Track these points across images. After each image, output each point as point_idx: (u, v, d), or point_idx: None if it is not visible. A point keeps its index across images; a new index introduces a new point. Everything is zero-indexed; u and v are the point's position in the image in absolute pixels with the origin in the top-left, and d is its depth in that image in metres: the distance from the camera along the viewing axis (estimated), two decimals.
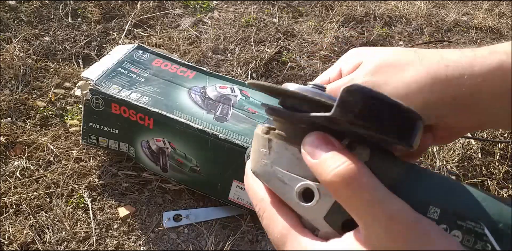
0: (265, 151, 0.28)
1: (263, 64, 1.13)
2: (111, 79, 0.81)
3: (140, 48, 0.88)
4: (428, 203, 0.24)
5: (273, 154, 0.27)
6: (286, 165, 0.27)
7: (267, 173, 0.27)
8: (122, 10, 1.27)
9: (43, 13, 1.23)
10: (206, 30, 1.23)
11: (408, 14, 1.36)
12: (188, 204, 0.84)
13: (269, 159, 0.27)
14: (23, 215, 0.81)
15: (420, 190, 0.25)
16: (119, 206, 0.83)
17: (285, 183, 0.27)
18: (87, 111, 0.81)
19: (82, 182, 0.87)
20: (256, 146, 0.29)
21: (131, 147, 0.84)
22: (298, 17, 1.32)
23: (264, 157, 0.28)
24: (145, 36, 1.19)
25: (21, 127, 0.95)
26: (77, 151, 0.91)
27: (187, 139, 0.77)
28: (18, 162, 0.88)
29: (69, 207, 0.83)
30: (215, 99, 0.80)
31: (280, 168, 0.27)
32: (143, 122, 0.78)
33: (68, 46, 1.14)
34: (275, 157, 0.27)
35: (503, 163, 0.95)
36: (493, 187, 0.90)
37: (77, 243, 0.78)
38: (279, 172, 0.27)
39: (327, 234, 0.26)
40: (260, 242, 0.80)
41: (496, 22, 1.35)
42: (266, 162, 0.27)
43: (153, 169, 0.85)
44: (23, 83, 1.03)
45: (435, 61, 0.31)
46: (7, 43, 1.12)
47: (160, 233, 0.80)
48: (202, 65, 1.11)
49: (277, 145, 0.27)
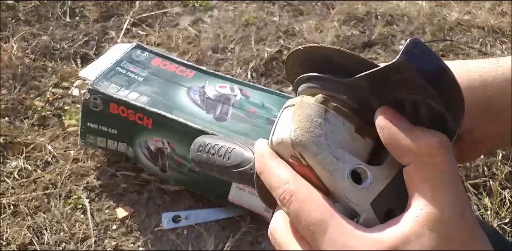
0: (320, 121, 0.25)
1: (263, 64, 1.12)
2: (109, 79, 0.80)
3: (138, 47, 0.88)
4: None
5: (329, 126, 0.25)
6: (341, 142, 0.25)
7: (319, 145, 0.24)
8: (120, 9, 1.26)
9: (41, 12, 1.22)
10: (206, 29, 1.23)
11: (410, 13, 1.35)
12: (188, 205, 0.84)
13: (323, 130, 0.25)
14: (21, 216, 0.80)
15: None
16: (118, 207, 0.83)
17: (338, 159, 0.24)
18: (85, 111, 0.80)
19: (80, 182, 0.86)
20: (304, 114, 0.25)
21: (130, 147, 0.83)
22: (298, 16, 1.31)
23: (318, 127, 0.25)
24: (144, 35, 1.19)
25: (18, 127, 0.94)
26: (75, 151, 0.90)
27: (186, 139, 0.76)
28: (16, 162, 0.88)
29: (67, 208, 0.82)
30: (215, 99, 0.80)
31: (334, 143, 0.25)
32: (142, 122, 0.78)
33: (66, 46, 1.13)
34: (330, 129, 0.25)
35: (505, 163, 0.94)
36: (495, 188, 0.89)
37: (76, 244, 0.78)
38: (332, 146, 0.25)
39: (368, 221, 0.24)
40: (261, 243, 0.80)
41: (498, 21, 1.34)
42: (319, 132, 0.25)
43: (152, 170, 0.84)
44: (21, 83, 1.02)
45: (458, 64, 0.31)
46: (4, 42, 1.11)
47: (159, 234, 0.80)
48: (202, 64, 1.10)
49: (335, 118, 0.25)
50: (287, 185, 0.25)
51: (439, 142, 0.23)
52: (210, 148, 0.34)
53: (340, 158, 0.24)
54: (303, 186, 0.25)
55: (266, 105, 0.80)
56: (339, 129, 0.25)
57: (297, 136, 0.25)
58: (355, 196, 0.24)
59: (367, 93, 0.25)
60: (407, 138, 0.23)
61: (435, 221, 0.22)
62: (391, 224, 0.23)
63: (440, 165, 0.22)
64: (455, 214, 0.22)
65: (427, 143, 0.23)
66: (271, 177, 0.26)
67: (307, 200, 0.24)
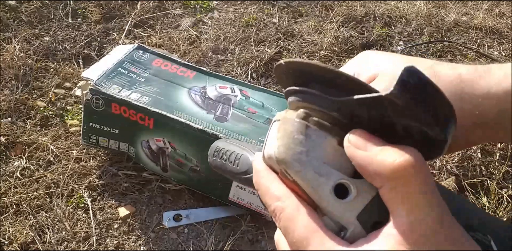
0: (301, 138, 0.25)
1: (263, 64, 1.13)
2: (111, 79, 0.81)
3: (140, 48, 0.88)
4: None
5: (311, 142, 0.25)
6: (323, 156, 0.25)
7: (301, 162, 0.25)
8: (122, 10, 1.27)
9: (43, 13, 1.23)
10: (206, 30, 1.23)
11: (408, 14, 1.36)
12: (188, 204, 0.84)
13: (305, 146, 0.25)
14: (23, 215, 0.81)
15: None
16: (119, 206, 0.83)
17: (321, 175, 0.24)
18: (87, 111, 0.81)
19: (82, 182, 0.87)
20: (286, 131, 0.26)
21: (131, 147, 0.84)
22: (298, 17, 1.32)
23: (300, 144, 0.25)
24: (145, 36, 1.19)
25: (21, 127, 0.95)
26: (77, 151, 0.91)
27: (187, 139, 0.77)
28: (18, 162, 0.89)
29: (69, 207, 0.83)
30: (215, 99, 0.81)
31: (317, 159, 0.25)
32: (143, 122, 0.78)
33: (68, 46, 1.14)
34: (312, 145, 0.25)
35: (503, 163, 0.95)
36: (492, 187, 0.90)
37: (77, 243, 0.78)
38: (315, 162, 0.25)
39: (355, 234, 0.24)
40: (260, 242, 0.80)
41: (496, 22, 1.35)
42: (301, 149, 0.25)
43: (153, 169, 0.85)
44: (23, 83, 1.03)
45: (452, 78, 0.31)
46: (7, 43, 1.12)
47: (160, 233, 0.80)
48: (202, 65, 1.11)
49: (316, 133, 0.25)
50: (277, 203, 0.26)
51: (408, 162, 0.22)
52: (223, 153, 0.35)
53: (323, 174, 0.25)
54: (291, 203, 0.26)
55: (266, 105, 0.81)
56: (321, 143, 0.25)
57: (281, 153, 0.25)
58: (340, 210, 0.24)
59: (353, 109, 0.25)
60: (374, 163, 0.23)
61: (411, 239, 0.22)
62: (371, 239, 0.24)
63: (411, 187, 0.23)
64: (431, 231, 0.22)
65: (393, 167, 0.23)
66: (264, 194, 0.27)
67: (293, 217, 0.25)
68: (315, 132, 0.25)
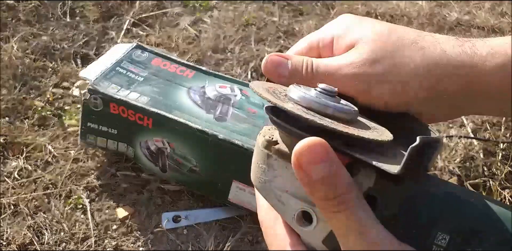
0: (264, 167, 0.26)
1: None
2: (109, 79, 0.80)
3: (139, 48, 0.88)
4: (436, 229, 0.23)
5: (272, 172, 0.26)
6: (285, 186, 0.25)
7: (266, 190, 0.26)
8: (121, 9, 1.26)
9: (41, 12, 1.23)
10: (206, 29, 1.23)
11: (410, 13, 1.35)
12: (188, 204, 0.84)
13: (267, 176, 0.26)
14: (21, 216, 0.80)
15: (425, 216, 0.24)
16: (118, 207, 0.83)
17: (283, 203, 0.25)
18: (85, 111, 0.80)
19: (80, 182, 0.86)
20: (255, 158, 0.27)
21: (130, 147, 0.83)
22: (298, 16, 1.31)
23: (263, 173, 0.26)
24: (144, 35, 1.19)
25: (19, 127, 0.94)
26: (76, 151, 0.90)
27: (186, 139, 0.76)
28: (16, 162, 0.88)
29: (67, 208, 0.82)
30: (215, 99, 0.80)
31: (279, 188, 0.25)
32: (142, 122, 0.78)
33: (67, 46, 1.13)
34: (273, 175, 0.26)
35: (505, 163, 0.94)
36: (495, 187, 0.89)
37: (76, 244, 0.78)
38: (277, 192, 0.26)
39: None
40: (261, 243, 0.80)
41: (498, 21, 1.34)
42: (264, 179, 0.26)
43: (152, 170, 0.84)
44: (21, 83, 1.02)
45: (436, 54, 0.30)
46: (5, 42, 1.11)
47: (159, 234, 0.80)
48: (202, 64, 1.11)
49: (277, 163, 0.25)
50: (264, 221, 0.30)
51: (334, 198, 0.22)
52: None
53: (285, 203, 0.25)
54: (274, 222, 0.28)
55: None
56: (282, 173, 0.25)
57: (252, 179, 0.28)
58: (305, 235, 0.26)
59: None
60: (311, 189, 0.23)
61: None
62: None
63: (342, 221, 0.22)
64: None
65: (322, 204, 0.23)
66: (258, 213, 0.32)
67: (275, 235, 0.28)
68: (276, 161, 0.26)
